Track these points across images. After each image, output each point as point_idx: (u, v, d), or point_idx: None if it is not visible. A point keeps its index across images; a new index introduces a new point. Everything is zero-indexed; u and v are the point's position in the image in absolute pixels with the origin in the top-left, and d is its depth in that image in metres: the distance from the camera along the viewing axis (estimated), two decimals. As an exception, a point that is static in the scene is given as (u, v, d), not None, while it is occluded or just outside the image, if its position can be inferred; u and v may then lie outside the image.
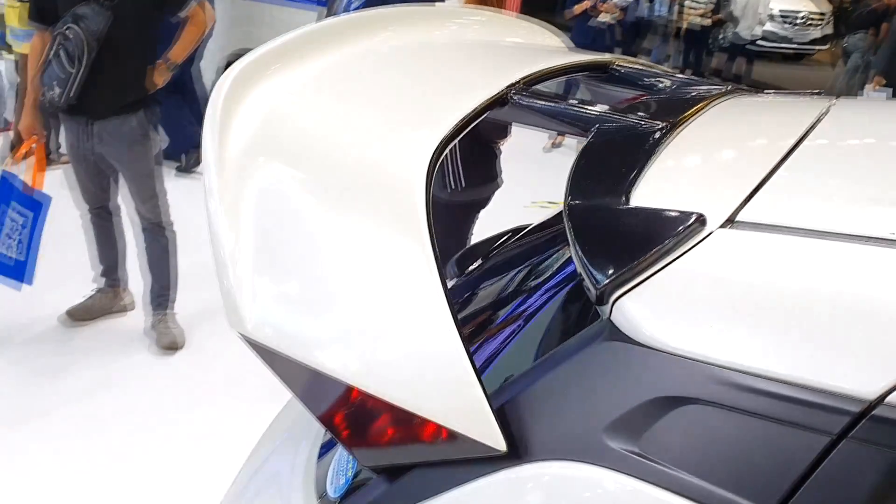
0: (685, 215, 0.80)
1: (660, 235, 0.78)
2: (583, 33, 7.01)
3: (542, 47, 1.53)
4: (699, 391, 0.71)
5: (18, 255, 3.23)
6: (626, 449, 0.72)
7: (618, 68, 1.45)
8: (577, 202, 0.88)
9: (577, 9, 6.96)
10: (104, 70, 2.99)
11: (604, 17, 6.87)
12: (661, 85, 1.40)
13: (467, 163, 2.81)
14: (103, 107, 3.07)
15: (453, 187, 2.83)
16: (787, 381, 0.67)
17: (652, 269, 0.77)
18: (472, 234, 3.03)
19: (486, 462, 0.77)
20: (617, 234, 0.83)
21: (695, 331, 0.73)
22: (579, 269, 0.80)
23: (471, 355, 0.77)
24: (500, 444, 0.75)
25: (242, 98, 0.98)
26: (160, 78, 3.18)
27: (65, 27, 2.95)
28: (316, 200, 0.91)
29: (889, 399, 0.64)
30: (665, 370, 0.72)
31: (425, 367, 0.78)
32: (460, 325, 0.78)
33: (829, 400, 0.66)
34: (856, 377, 0.66)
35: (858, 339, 0.68)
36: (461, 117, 0.99)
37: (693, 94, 1.24)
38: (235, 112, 0.97)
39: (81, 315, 3.49)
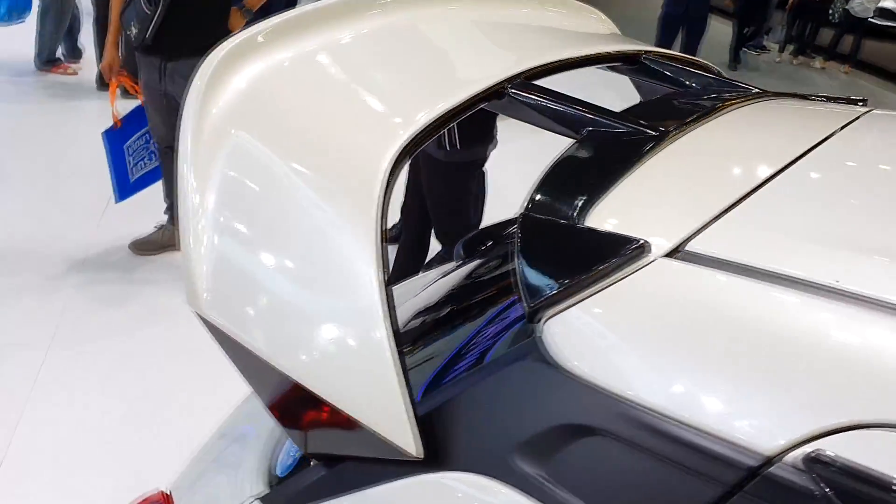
0: (628, 241, 0.78)
1: (600, 259, 0.77)
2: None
3: (574, 32, 1.50)
4: (606, 423, 0.70)
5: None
6: (533, 471, 0.73)
7: (647, 61, 1.41)
8: (532, 213, 0.87)
9: None
10: (181, 12, 3.08)
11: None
12: (683, 84, 1.36)
13: (462, 122, 2.77)
14: (177, 48, 3.15)
15: (449, 147, 2.80)
16: (690, 425, 0.66)
17: (584, 292, 0.76)
18: (482, 193, 3.02)
19: (405, 465, 0.79)
20: (561, 252, 0.81)
21: (610, 362, 0.72)
22: (517, 284, 0.80)
23: (403, 361, 0.78)
24: (417, 450, 0.77)
25: (230, 73, 1.00)
26: (235, 23, 3.23)
27: None
28: (279, 184, 0.92)
29: (787, 458, 0.63)
30: (577, 398, 0.72)
31: (357, 369, 0.79)
32: (398, 330, 0.79)
33: (728, 450, 0.65)
34: (758, 431, 0.64)
35: (768, 392, 0.66)
36: (442, 112, 0.98)
37: (706, 100, 1.19)
38: (220, 85, 0.98)
39: (144, 247, 3.64)
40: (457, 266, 1.44)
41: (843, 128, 1.12)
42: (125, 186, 3.60)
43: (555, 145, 1.06)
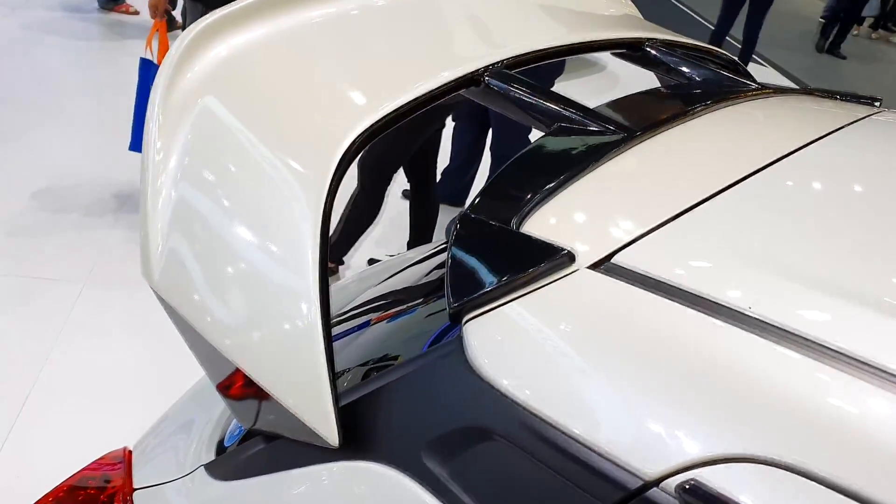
0: (555, 250, 0.78)
1: (525, 266, 0.78)
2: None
3: (579, 14, 1.47)
4: (506, 429, 0.72)
5: None
6: (438, 468, 0.75)
7: (650, 49, 1.39)
8: (475, 211, 0.88)
9: None
10: None
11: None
12: (683, 75, 1.34)
13: None
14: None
15: None
16: (580, 440, 0.67)
17: (505, 297, 0.77)
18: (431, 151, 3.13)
19: (326, 451, 0.82)
20: (489, 256, 0.82)
21: (515, 368, 0.73)
22: (445, 283, 0.81)
23: (331, 349, 0.81)
24: (335, 438, 0.79)
25: (212, 40, 1.02)
26: None
27: None
28: (238, 153, 0.94)
29: (665, 484, 0.64)
30: (484, 401, 0.74)
31: (287, 353, 0.82)
32: (328, 321, 0.81)
33: (612, 469, 0.66)
34: (644, 453, 0.65)
35: (660, 416, 0.67)
36: (407, 101, 0.99)
37: (692, 97, 1.17)
38: (200, 51, 1.01)
39: None
40: (434, 249, 1.46)
41: (827, 135, 1.10)
42: (140, 132, 3.59)
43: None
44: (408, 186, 3.95)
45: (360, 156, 3.21)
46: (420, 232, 3.41)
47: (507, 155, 3.43)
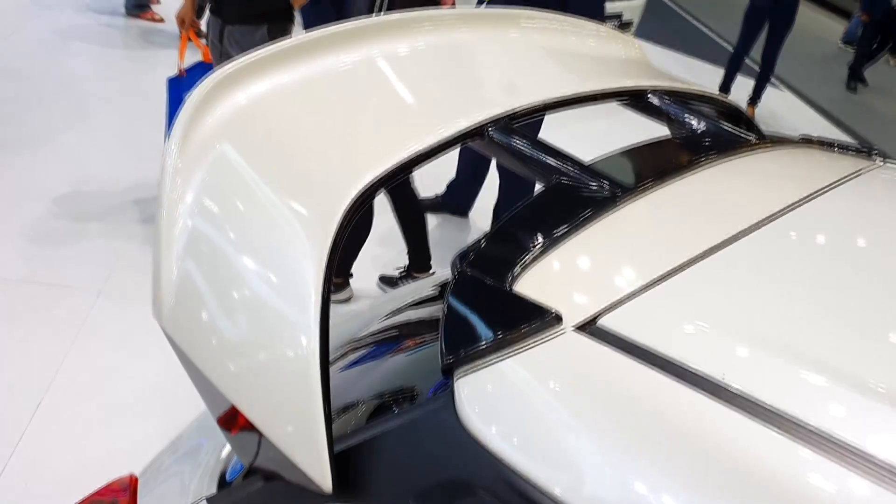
0: (544, 311, 0.83)
1: (515, 326, 0.82)
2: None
3: (588, 63, 1.51)
4: (491, 486, 0.76)
5: None
6: None
7: (652, 98, 1.43)
8: (472, 266, 0.92)
9: None
10: None
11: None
12: (683, 125, 1.37)
13: None
14: (234, 13, 3.27)
15: None
16: (560, 502, 0.71)
17: (494, 356, 0.81)
18: None
19: (317, 496, 0.86)
20: (482, 314, 0.86)
21: (501, 426, 0.77)
22: (440, 338, 0.86)
23: (328, 398, 0.85)
24: (327, 485, 0.83)
25: (232, 87, 1.07)
26: (297, 1, 3.32)
27: None
28: (249, 206, 0.98)
29: None
30: (472, 457, 0.78)
31: (288, 402, 0.86)
32: (327, 371, 0.85)
33: None
34: None
35: (636, 482, 0.70)
36: (414, 154, 1.03)
37: (694, 150, 1.21)
38: (219, 98, 1.06)
39: None
40: (430, 290, 1.51)
41: (819, 193, 1.13)
42: None
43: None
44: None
45: None
46: (413, 235, 3.48)
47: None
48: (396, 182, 1.05)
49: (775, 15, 6.69)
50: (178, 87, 3.59)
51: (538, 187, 1.15)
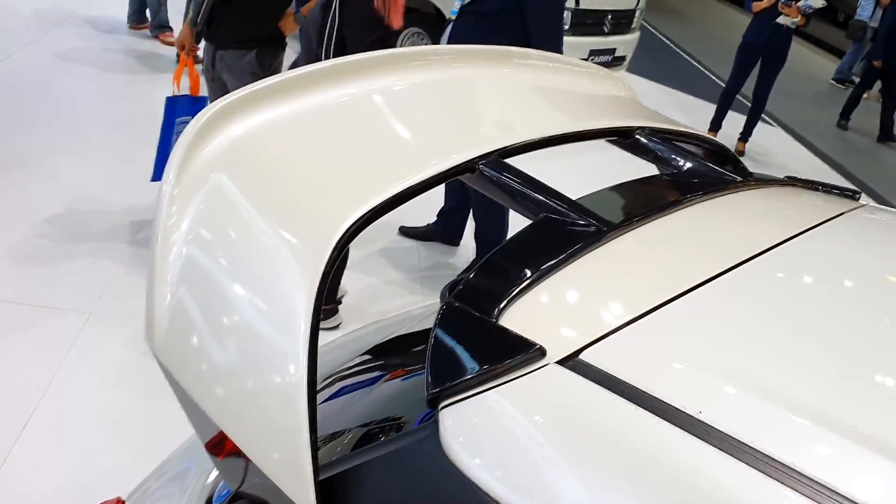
0: (528, 344, 0.85)
1: (500, 359, 0.84)
2: (759, 28, 6.69)
3: (577, 101, 1.54)
4: None
5: None
6: None
7: (640, 136, 1.46)
8: (459, 298, 0.94)
9: (756, 7, 6.64)
10: (231, 3, 3.24)
11: (783, 20, 6.51)
12: (670, 164, 1.41)
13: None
14: (225, 37, 3.33)
15: None
16: None
17: (479, 388, 0.83)
18: None
19: None
20: (468, 346, 0.88)
21: (483, 457, 0.79)
22: (426, 369, 0.87)
23: (315, 427, 0.86)
24: None
25: (221, 125, 1.10)
26: (288, 27, 3.37)
27: None
28: (243, 236, 1.01)
29: None
30: (453, 487, 0.79)
31: (275, 429, 0.88)
32: (314, 399, 0.87)
33: None
34: None
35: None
36: (405, 188, 1.06)
37: (679, 188, 1.24)
38: (216, 129, 1.09)
39: None
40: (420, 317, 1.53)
41: (802, 233, 1.16)
42: (162, 165, 3.65)
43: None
44: (404, 223, 4.05)
45: None
46: None
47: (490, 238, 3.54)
48: (385, 214, 1.07)
49: (768, 52, 6.79)
50: (173, 109, 3.61)
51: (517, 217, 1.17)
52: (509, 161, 1.20)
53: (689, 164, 1.39)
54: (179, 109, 3.62)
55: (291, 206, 1.04)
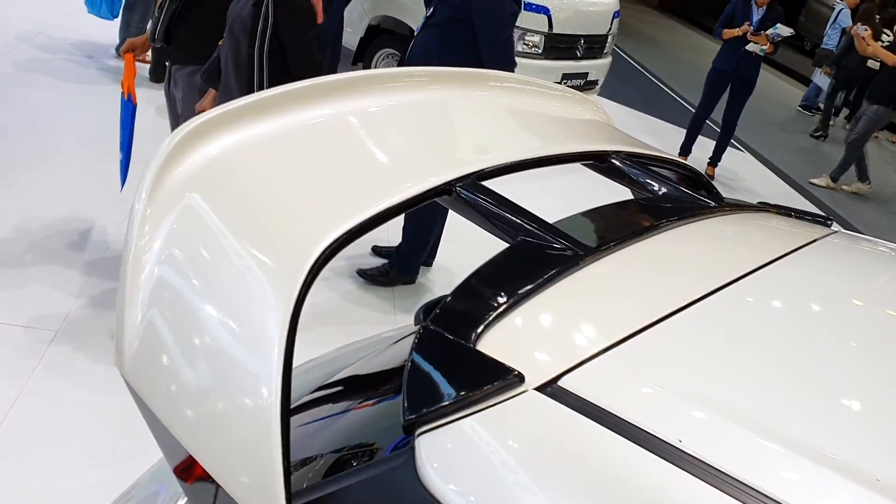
0: (506, 370, 0.84)
1: (478, 385, 0.83)
2: (728, 55, 6.80)
3: (553, 125, 1.55)
4: None
5: None
6: None
7: (615, 161, 1.46)
8: (435, 322, 0.94)
9: (726, 34, 6.76)
10: (186, 20, 3.19)
11: (752, 48, 6.63)
12: (645, 188, 1.41)
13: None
14: (179, 54, 3.28)
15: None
16: None
17: (456, 414, 0.82)
18: None
19: None
20: (445, 371, 0.88)
21: (463, 485, 0.78)
22: (402, 395, 0.86)
23: (288, 457, 0.85)
24: None
25: (194, 144, 1.09)
26: None
27: None
28: (216, 256, 0.99)
29: None
30: None
31: (246, 453, 0.86)
32: (287, 424, 0.85)
33: None
34: None
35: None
36: (381, 210, 1.05)
37: (655, 212, 1.25)
38: (189, 149, 1.07)
39: None
40: (395, 340, 1.52)
41: (777, 259, 1.17)
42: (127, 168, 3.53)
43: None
44: (378, 242, 4.02)
45: None
46: None
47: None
48: (361, 235, 1.06)
49: (737, 79, 6.89)
50: (128, 108, 3.47)
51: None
52: (486, 184, 1.20)
53: (664, 189, 1.40)
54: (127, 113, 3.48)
55: (266, 227, 1.03)
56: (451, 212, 3.51)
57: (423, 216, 3.80)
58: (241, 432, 0.86)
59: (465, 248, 3.94)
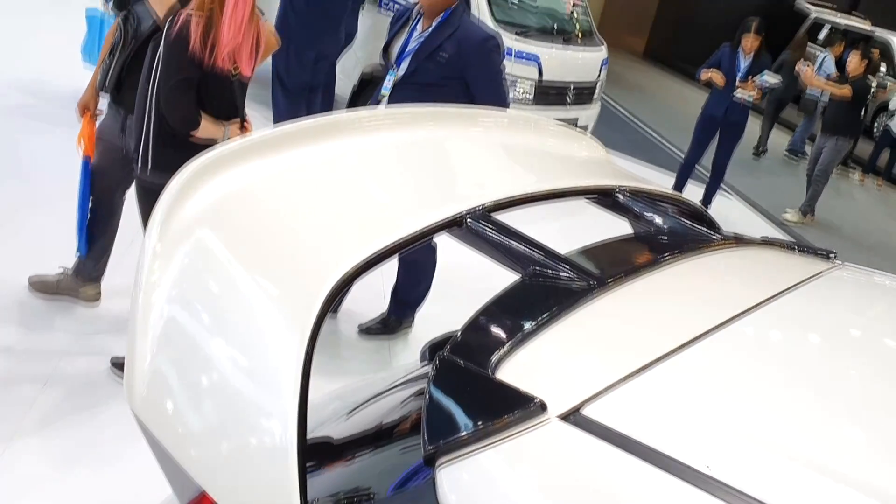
0: (528, 399, 0.83)
1: (499, 414, 0.82)
2: (717, 102, 6.89)
3: (557, 161, 1.56)
4: None
5: None
6: None
7: (620, 196, 1.47)
8: (453, 352, 0.92)
9: (703, 76, 6.87)
10: (137, 66, 3.04)
11: (740, 95, 6.72)
12: (650, 223, 1.41)
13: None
14: (133, 103, 3.09)
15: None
16: None
17: (478, 444, 0.80)
18: None
19: None
20: (465, 401, 0.86)
21: None
22: (422, 426, 0.84)
23: (304, 488, 0.82)
24: None
25: (204, 179, 1.08)
26: None
27: (122, 18, 3.15)
28: (228, 291, 0.98)
29: None
30: None
31: (264, 491, 0.84)
32: (304, 465, 0.83)
33: None
34: None
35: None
36: (395, 242, 1.04)
37: (657, 248, 1.24)
38: (193, 189, 1.07)
39: (42, 288, 3.56)
40: (409, 376, 1.49)
41: (786, 291, 1.16)
42: (84, 232, 3.48)
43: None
44: (364, 320, 3.94)
45: None
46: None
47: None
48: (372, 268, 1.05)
49: (726, 126, 6.98)
50: (87, 168, 3.40)
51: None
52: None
53: (670, 224, 1.40)
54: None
55: (279, 260, 1.02)
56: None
57: (419, 259, 3.77)
58: (258, 469, 0.84)
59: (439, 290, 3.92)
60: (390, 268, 3.83)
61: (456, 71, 3.41)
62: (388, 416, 1.37)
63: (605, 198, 1.47)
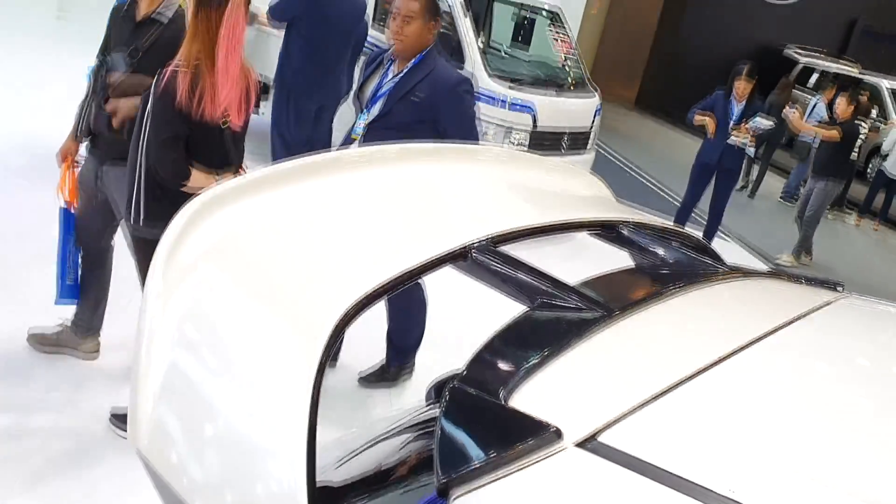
0: (543, 427, 0.81)
1: (514, 442, 0.80)
2: (711, 149, 6.94)
3: (561, 196, 1.56)
4: None
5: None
6: None
7: (625, 230, 1.46)
8: (464, 382, 0.91)
9: (696, 120, 6.93)
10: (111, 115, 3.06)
11: (734, 140, 6.78)
12: (655, 255, 1.41)
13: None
14: (108, 151, 3.13)
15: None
16: None
17: (493, 474, 0.78)
18: None
19: None
20: (479, 430, 0.84)
21: None
22: (434, 457, 0.82)
23: None
24: None
25: (206, 217, 1.07)
26: None
27: (96, 66, 3.15)
28: (233, 329, 0.97)
29: None
30: None
31: None
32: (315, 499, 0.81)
33: None
34: None
35: None
36: (398, 274, 1.03)
37: (664, 278, 1.24)
38: (195, 227, 1.06)
39: (42, 341, 3.52)
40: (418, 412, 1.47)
41: (794, 321, 1.15)
42: (64, 281, 3.43)
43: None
44: (363, 367, 3.91)
45: None
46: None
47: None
48: (377, 300, 1.04)
49: (721, 170, 7.03)
50: (69, 218, 3.36)
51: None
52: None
53: (676, 256, 1.39)
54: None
55: (283, 296, 1.01)
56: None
57: (410, 305, 3.74)
58: None
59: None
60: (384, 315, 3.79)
61: (429, 113, 3.41)
62: (398, 455, 1.34)
63: (608, 231, 1.47)
